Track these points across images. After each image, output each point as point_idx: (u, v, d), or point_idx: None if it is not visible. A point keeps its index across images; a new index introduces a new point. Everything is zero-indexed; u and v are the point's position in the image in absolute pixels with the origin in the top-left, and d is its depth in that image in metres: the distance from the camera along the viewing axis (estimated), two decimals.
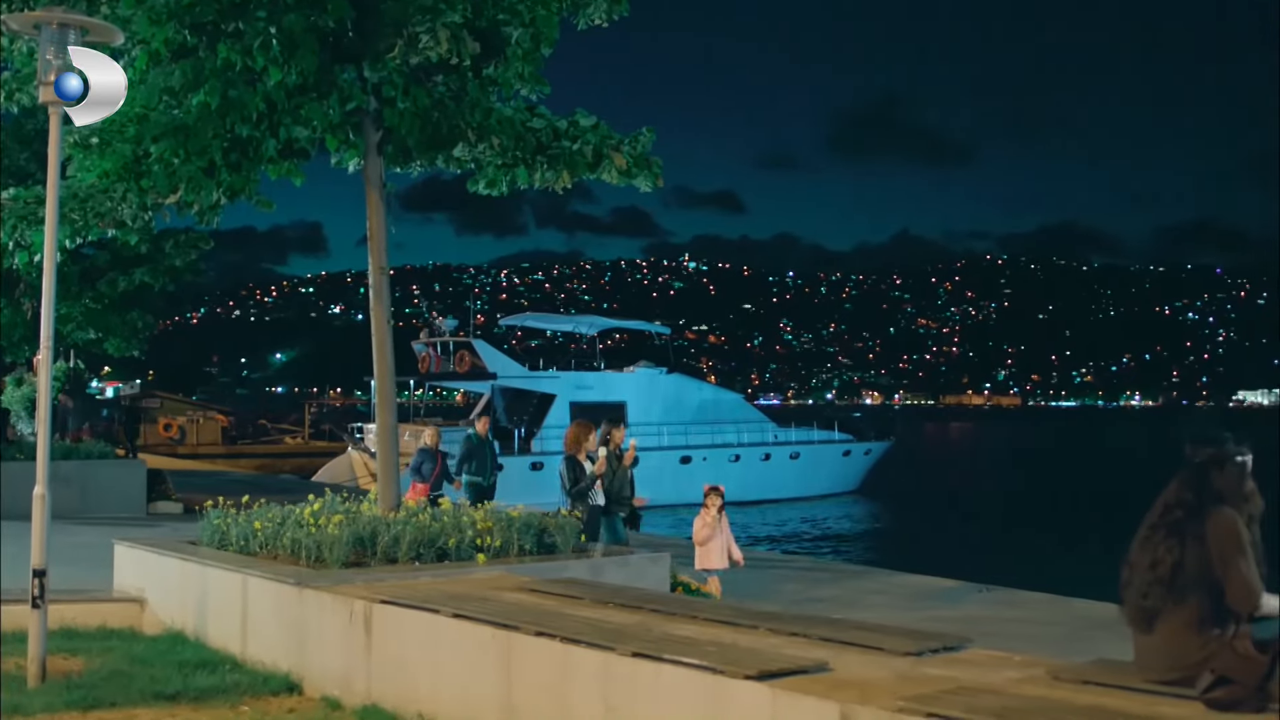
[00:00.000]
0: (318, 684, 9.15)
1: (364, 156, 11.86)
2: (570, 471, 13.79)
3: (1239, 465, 5.83)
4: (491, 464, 20.22)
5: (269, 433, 67.15)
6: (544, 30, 11.45)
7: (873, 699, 5.73)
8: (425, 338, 44.81)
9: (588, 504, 13.58)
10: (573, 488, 13.66)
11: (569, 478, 13.76)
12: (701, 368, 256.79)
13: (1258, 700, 5.32)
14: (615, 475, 14.14)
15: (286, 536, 10.66)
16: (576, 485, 13.68)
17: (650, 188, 12.51)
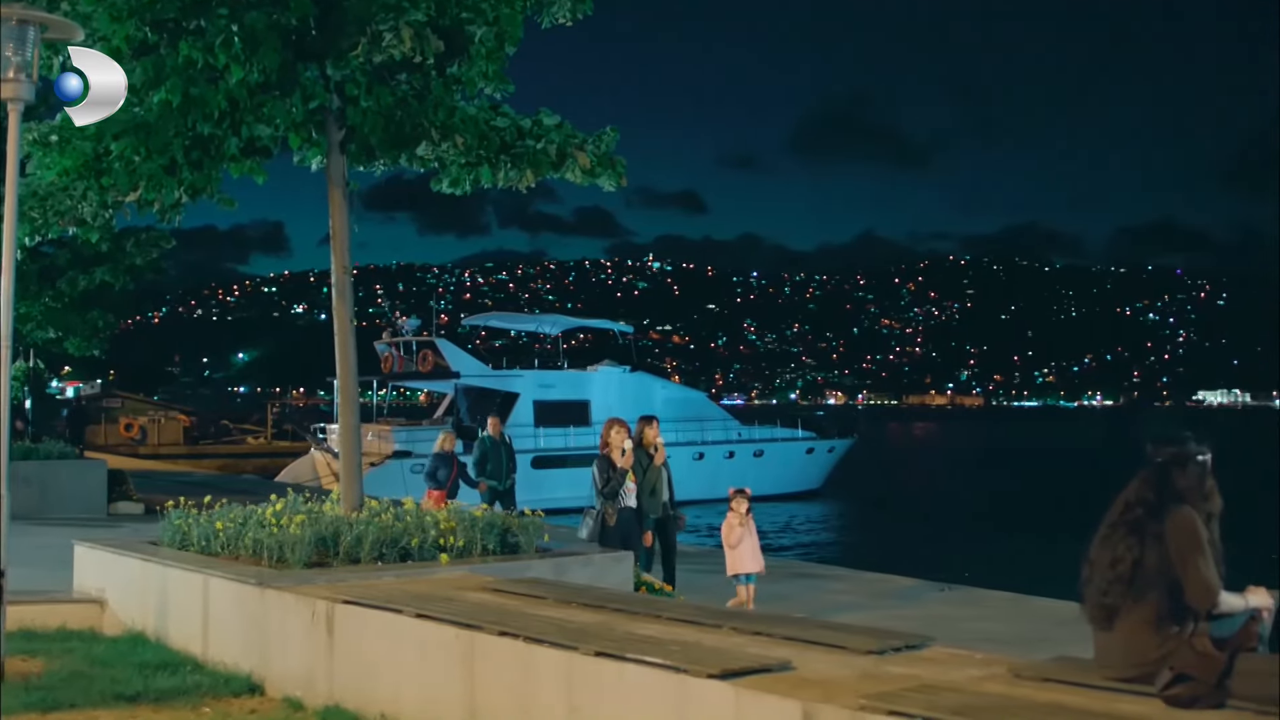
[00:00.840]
0: (280, 685, 9.11)
1: (327, 155, 11.81)
2: (602, 472, 13.34)
3: (1199, 465, 5.88)
4: (508, 466, 19.75)
5: (231, 433, 66.82)
6: (508, 29, 11.43)
7: (835, 697, 5.75)
8: (388, 337, 44.68)
9: (618, 505, 13.18)
10: (604, 487, 13.21)
11: (600, 478, 13.30)
12: (666, 367, 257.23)
13: (1216, 697, 5.37)
14: (646, 474, 13.58)
15: (248, 537, 10.61)
16: (607, 484, 13.22)
17: (614, 187, 12.51)
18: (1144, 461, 5.98)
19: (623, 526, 13.06)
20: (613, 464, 13.25)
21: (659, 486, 13.64)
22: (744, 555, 12.89)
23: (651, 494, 13.52)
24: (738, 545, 12.89)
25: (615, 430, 13.40)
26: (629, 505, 13.28)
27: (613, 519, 13.05)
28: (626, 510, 13.23)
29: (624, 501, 13.23)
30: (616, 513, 13.06)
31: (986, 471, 78.38)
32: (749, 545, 12.93)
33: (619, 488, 13.17)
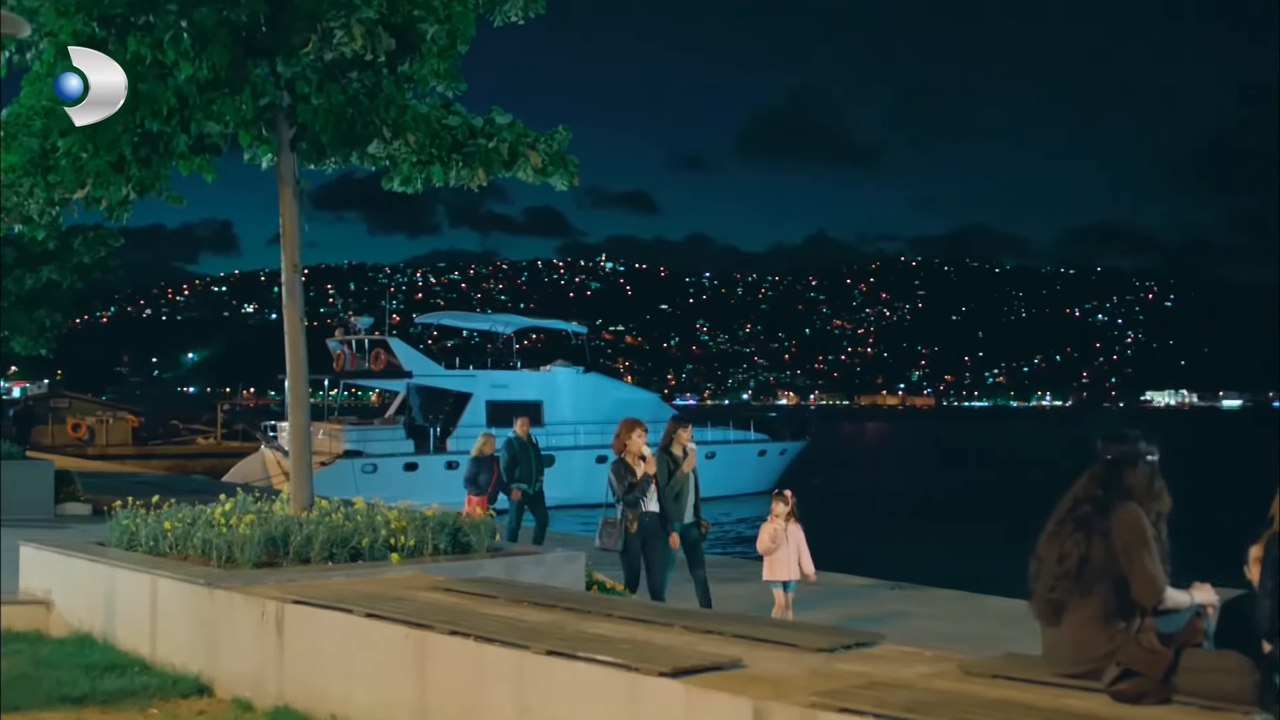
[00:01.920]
0: (229, 685, 9.05)
1: (277, 153, 11.74)
2: (619, 476, 12.73)
3: (1149, 464, 5.94)
4: (537, 468, 19.01)
5: (180, 433, 66.34)
6: (460, 27, 11.39)
7: (786, 695, 5.77)
8: (340, 336, 44.47)
9: (639, 511, 12.65)
10: (625, 493, 12.61)
11: (618, 482, 12.69)
12: (618, 368, 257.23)
13: (1162, 693, 5.42)
14: (672, 478, 12.85)
15: (197, 537, 10.54)
16: (630, 491, 12.60)
17: (566, 186, 12.49)
18: (1093, 459, 6.03)
19: (644, 531, 12.62)
20: (631, 469, 12.71)
21: (685, 491, 12.92)
22: (777, 563, 12.28)
23: (676, 499, 12.83)
24: (771, 553, 12.28)
25: (637, 435, 12.89)
26: (650, 510, 12.74)
27: (634, 526, 12.57)
28: (648, 515, 12.71)
29: (645, 505, 12.70)
30: (638, 519, 12.58)
31: (938, 471, 78.82)
32: (784, 553, 12.26)
33: (642, 495, 12.65)
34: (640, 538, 12.58)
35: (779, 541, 12.21)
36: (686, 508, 12.89)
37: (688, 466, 12.84)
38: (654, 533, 12.69)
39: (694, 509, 13.00)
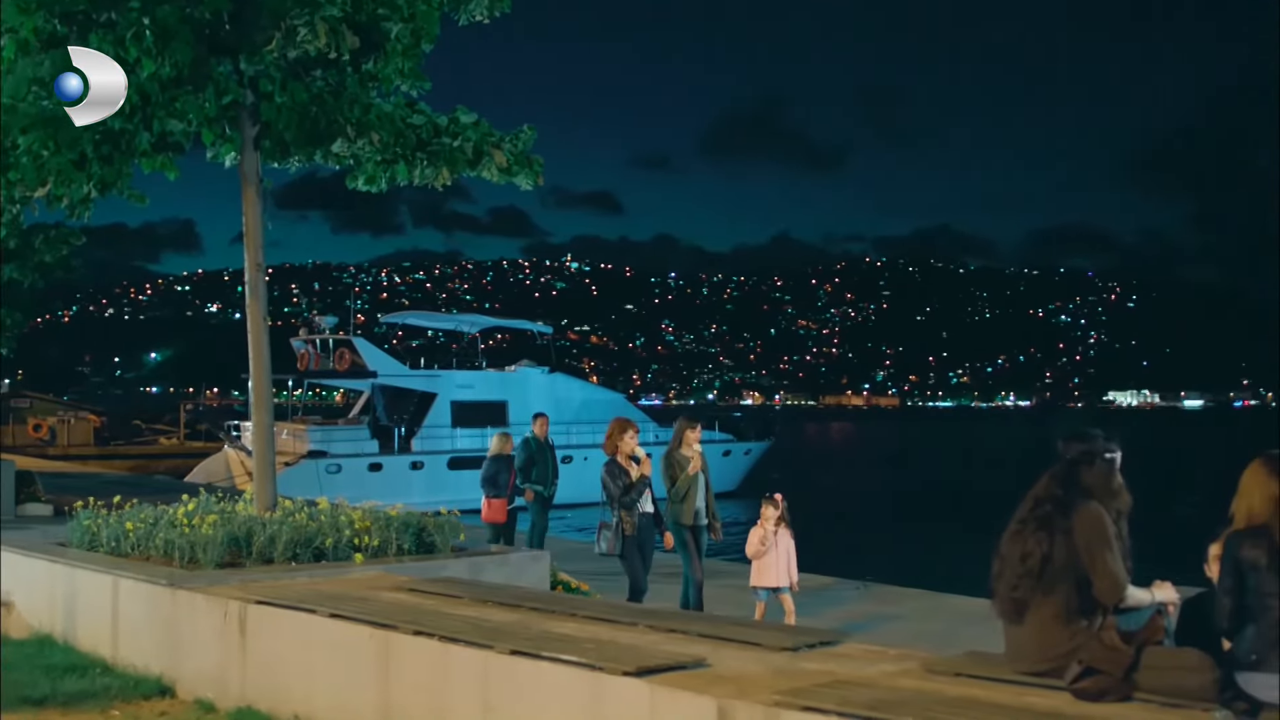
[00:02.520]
0: (191, 686, 9.01)
1: (240, 151, 11.69)
2: (613, 477, 12.38)
3: (1108, 462, 5.98)
4: (553, 470, 18.14)
5: (143, 433, 65.87)
6: (425, 25, 11.37)
7: (749, 693, 5.78)
8: (304, 335, 44.27)
9: (635, 514, 12.31)
10: (623, 495, 12.26)
11: (613, 484, 12.35)
12: (584, 368, 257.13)
13: (1123, 690, 5.46)
14: (677, 480, 12.42)
15: (159, 537, 10.48)
16: (626, 494, 12.27)
17: (531, 186, 12.48)
18: (1055, 458, 6.07)
19: (641, 534, 12.35)
20: (625, 471, 12.39)
21: (693, 492, 12.44)
22: (764, 569, 11.98)
23: (683, 500, 12.38)
24: (759, 558, 12.00)
25: (629, 435, 12.59)
26: (646, 511, 12.45)
27: (631, 529, 12.26)
28: (644, 517, 12.43)
29: (641, 507, 12.39)
30: (635, 521, 12.27)
31: (902, 471, 79.09)
32: (771, 559, 11.97)
33: (639, 497, 12.34)
34: (637, 540, 12.30)
35: (768, 546, 11.95)
36: (695, 510, 12.46)
37: (693, 469, 12.42)
38: (649, 535, 12.49)
39: (706, 511, 12.57)
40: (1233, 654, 5.22)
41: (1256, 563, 5.21)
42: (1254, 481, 5.41)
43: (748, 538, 12.14)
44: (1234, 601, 5.26)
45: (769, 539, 11.96)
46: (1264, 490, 5.35)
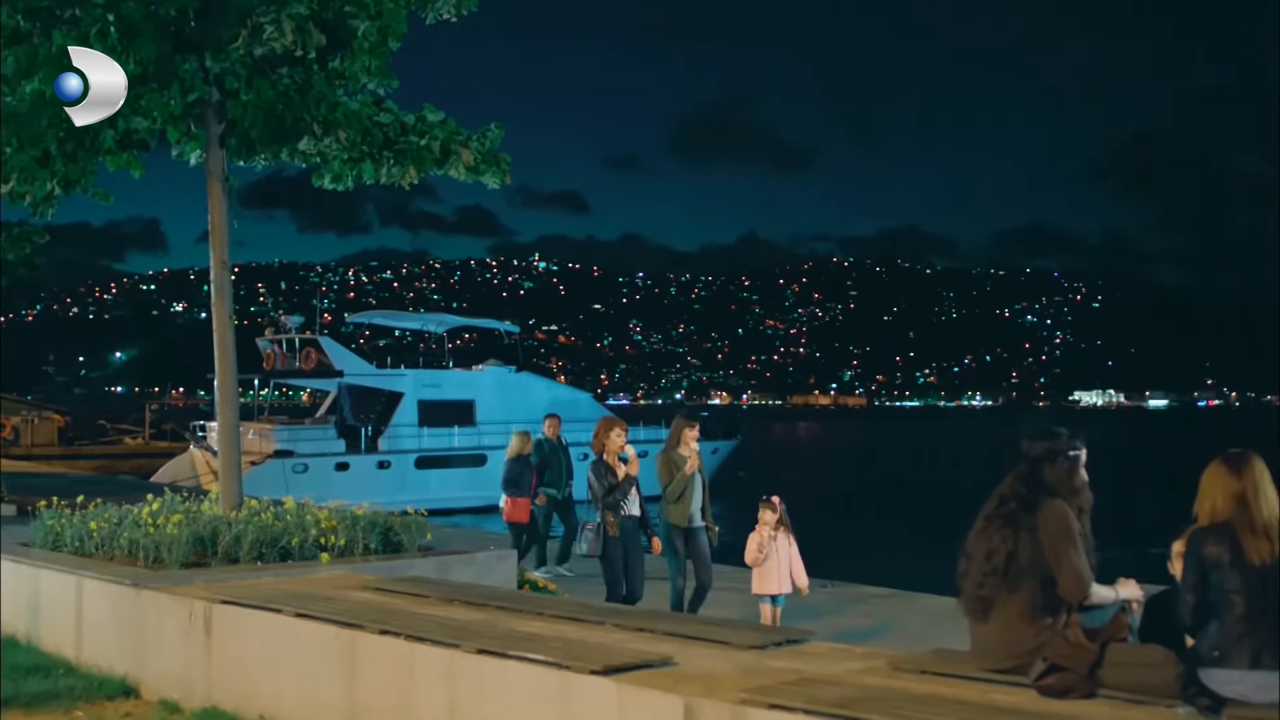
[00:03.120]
0: (156, 687, 8.97)
1: (206, 149, 11.63)
2: (599, 477, 11.94)
3: (1071, 459, 6.01)
4: (566, 472, 17.51)
5: (108, 433, 65.46)
6: (391, 23, 11.33)
7: (716, 692, 5.79)
8: (270, 335, 44.04)
9: (619, 515, 11.85)
10: (605, 495, 11.82)
11: (597, 484, 11.91)
12: (551, 367, 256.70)
13: (1088, 686, 5.49)
14: (673, 482, 11.96)
15: (124, 537, 10.43)
16: (609, 494, 11.82)
17: (498, 184, 12.46)
18: (1019, 457, 6.10)
19: (625, 537, 11.87)
20: (612, 470, 11.97)
21: (688, 494, 11.97)
22: (766, 575, 11.48)
23: (677, 501, 11.93)
24: (759, 564, 11.50)
25: (616, 433, 12.14)
26: (632, 514, 11.96)
27: (614, 530, 11.78)
28: (630, 520, 11.94)
29: (626, 510, 11.91)
30: (619, 523, 11.79)
31: (868, 470, 79.30)
32: (773, 562, 11.46)
33: (622, 499, 11.87)
34: (622, 542, 11.85)
35: (766, 551, 11.46)
36: (691, 511, 12.01)
37: (690, 469, 11.95)
38: (634, 538, 12.04)
39: (702, 512, 12.12)
40: (1196, 650, 5.26)
41: (1219, 560, 5.26)
42: (1216, 480, 5.46)
43: (746, 544, 11.58)
44: (1197, 598, 5.31)
45: (767, 544, 11.46)
46: (1226, 488, 5.40)
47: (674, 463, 11.97)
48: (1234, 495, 5.36)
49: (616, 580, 11.88)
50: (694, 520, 11.99)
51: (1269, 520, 5.30)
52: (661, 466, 12.04)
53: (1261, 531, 5.26)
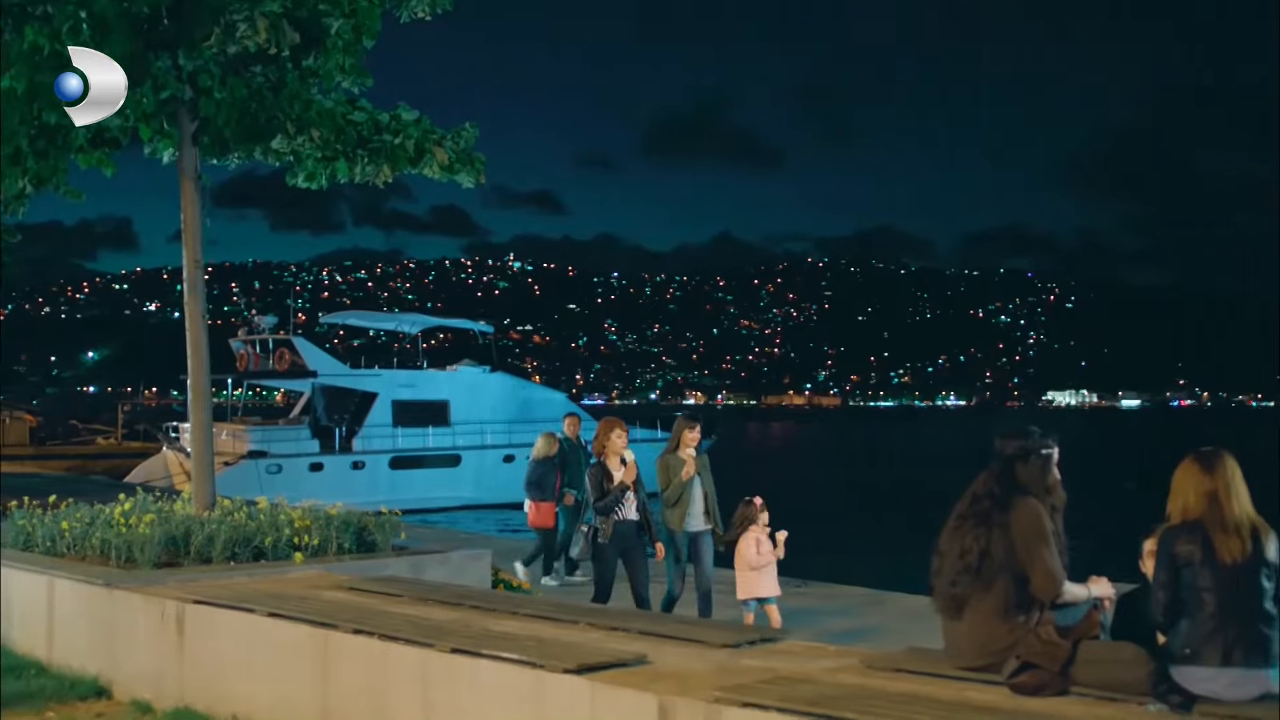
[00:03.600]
0: (128, 687, 8.92)
1: (179, 147, 11.60)
2: (596, 481, 11.44)
3: (1044, 458, 6.04)
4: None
5: (80, 433, 65.15)
6: (365, 22, 11.32)
7: (691, 690, 5.79)
8: (244, 335, 43.89)
9: (613, 519, 11.30)
10: (596, 500, 11.33)
11: (594, 489, 11.42)
12: (526, 367, 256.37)
13: (1060, 684, 5.51)
14: (670, 485, 11.69)
15: (96, 537, 10.38)
16: (600, 498, 11.31)
17: (473, 184, 12.45)
18: (992, 456, 6.13)
19: (620, 541, 11.31)
20: (608, 473, 11.45)
21: (686, 497, 11.66)
22: (764, 577, 11.26)
23: (675, 505, 11.62)
24: (762, 568, 11.26)
25: (617, 434, 11.63)
26: (629, 519, 11.39)
27: (607, 534, 11.24)
28: (625, 524, 11.37)
29: (622, 514, 11.36)
30: (611, 527, 11.25)
31: (843, 470, 79.45)
32: (768, 566, 11.30)
33: (615, 503, 11.31)
34: (618, 547, 11.32)
35: (771, 556, 11.28)
36: (691, 515, 11.68)
37: (686, 473, 11.65)
38: (634, 542, 11.49)
39: (706, 516, 11.79)
40: (1167, 648, 5.29)
41: (1191, 558, 5.28)
42: (1187, 478, 5.49)
43: (745, 547, 11.32)
44: (1169, 596, 5.33)
45: (765, 545, 11.28)
46: (1197, 486, 5.42)
47: (672, 466, 11.72)
48: (1206, 493, 5.39)
49: (604, 586, 11.43)
50: (693, 525, 11.68)
51: (1240, 518, 5.32)
52: (660, 469, 11.79)
53: (1233, 530, 5.29)
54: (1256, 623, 5.18)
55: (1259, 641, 5.15)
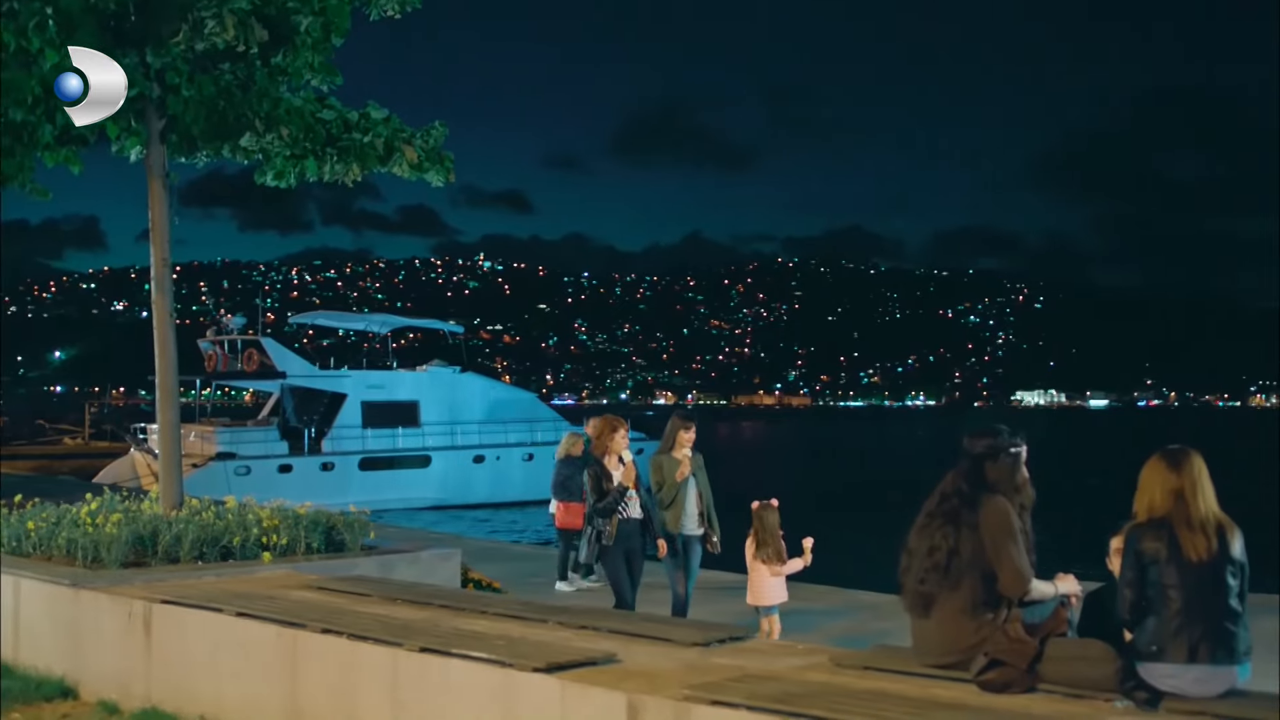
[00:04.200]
0: (94, 688, 8.87)
1: (146, 145, 11.53)
2: (595, 481, 11.00)
3: (1013, 456, 6.07)
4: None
5: (47, 433, 64.80)
6: (334, 19, 11.28)
7: (660, 689, 5.79)
8: (212, 336, 43.69)
9: (615, 521, 10.85)
10: (598, 501, 10.86)
11: (593, 491, 10.96)
12: (496, 367, 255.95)
13: (1028, 681, 5.54)
14: (663, 488, 11.24)
15: (62, 536, 10.31)
16: (599, 500, 10.85)
17: (442, 182, 12.43)
18: (961, 454, 6.15)
19: (624, 542, 10.88)
20: (608, 473, 11.00)
21: (680, 499, 11.20)
22: (779, 583, 10.80)
23: (668, 507, 11.17)
24: (782, 574, 10.80)
25: (620, 435, 11.21)
26: (633, 517, 10.97)
27: (611, 536, 10.80)
28: (629, 524, 10.95)
29: (625, 513, 10.92)
30: (616, 528, 10.80)
31: (812, 468, 79.60)
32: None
33: (616, 505, 10.86)
34: (623, 548, 10.90)
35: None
36: (686, 517, 11.20)
37: (680, 474, 11.18)
38: (635, 543, 11.05)
39: (701, 519, 11.33)
40: (1134, 645, 5.32)
41: (1157, 555, 5.31)
42: (1154, 476, 5.52)
43: (769, 555, 10.72)
44: (1135, 593, 5.36)
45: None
46: (1164, 484, 5.45)
47: (666, 466, 11.30)
48: (1172, 491, 5.42)
49: (619, 588, 11.05)
50: (687, 528, 11.24)
51: (1206, 516, 5.35)
52: (654, 470, 11.36)
53: (1199, 527, 5.32)
54: (1222, 619, 5.21)
55: (1225, 638, 5.19)
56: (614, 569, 10.99)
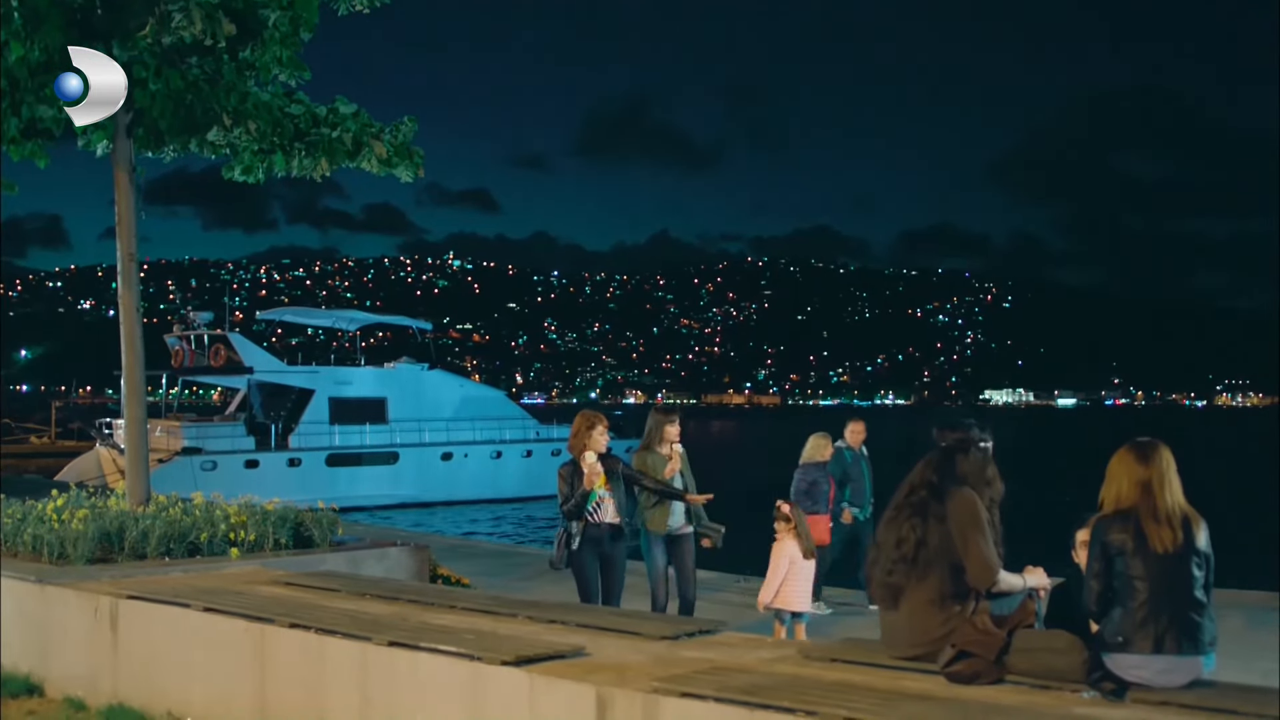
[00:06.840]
0: (61, 685, 8.81)
1: (113, 139, 11.47)
2: (567, 483, 10.11)
3: (981, 450, 6.10)
4: (871, 488, 14.56)
5: (12, 432, 64.42)
6: (303, 14, 11.24)
7: (629, 681, 5.79)
8: (179, 331, 43.44)
9: (584, 523, 10.06)
10: (564, 505, 10.05)
11: (562, 493, 10.10)
12: (466, 366, 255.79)
13: (995, 672, 5.56)
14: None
15: (27, 533, 10.25)
16: (567, 502, 10.03)
17: (411, 178, 12.40)
18: (930, 447, 6.18)
19: (596, 547, 10.07)
20: (580, 472, 10.09)
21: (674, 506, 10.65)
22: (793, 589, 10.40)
23: (655, 505, 10.60)
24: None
25: (599, 431, 10.30)
26: (607, 521, 10.12)
27: (576, 540, 9.99)
28: (597, 528, 10.09)
29: (598, 516, 10.10)
30: (580, 533, 10.00)
31: (782, 466, 79.72)
32: (796, 574, 10.40)
33: (582, 508, 10.01)
34: (596, 554, 10.09)
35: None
36: (674, 515, 10.66)
37: (669, 471, 10.60)
38: (610, 547, 10.20)
39: (689, 515, 10.82)
40: (1100, 636, 5.34)
41: (1123, 547, 5.34)
42: (1121, 467, 5.55)
43: (782, 555, 10.41)
44: (1102, 585, 5.39)
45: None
46: (1132, 475, 5.48)
47: (651, 463, 10.66)
48: (1139, 483, 5.44)
49: (585, 593, 10.18)
50: (676, 528, 10.71)
51: (1173, 508, 5.39)
52: (638, 467, 10.67)
53: (1165, 519, 5.35)
54: (1188, 610, 5.24)
55: (1190, 629, 5.22)
56: (580, 573, 10.15)
